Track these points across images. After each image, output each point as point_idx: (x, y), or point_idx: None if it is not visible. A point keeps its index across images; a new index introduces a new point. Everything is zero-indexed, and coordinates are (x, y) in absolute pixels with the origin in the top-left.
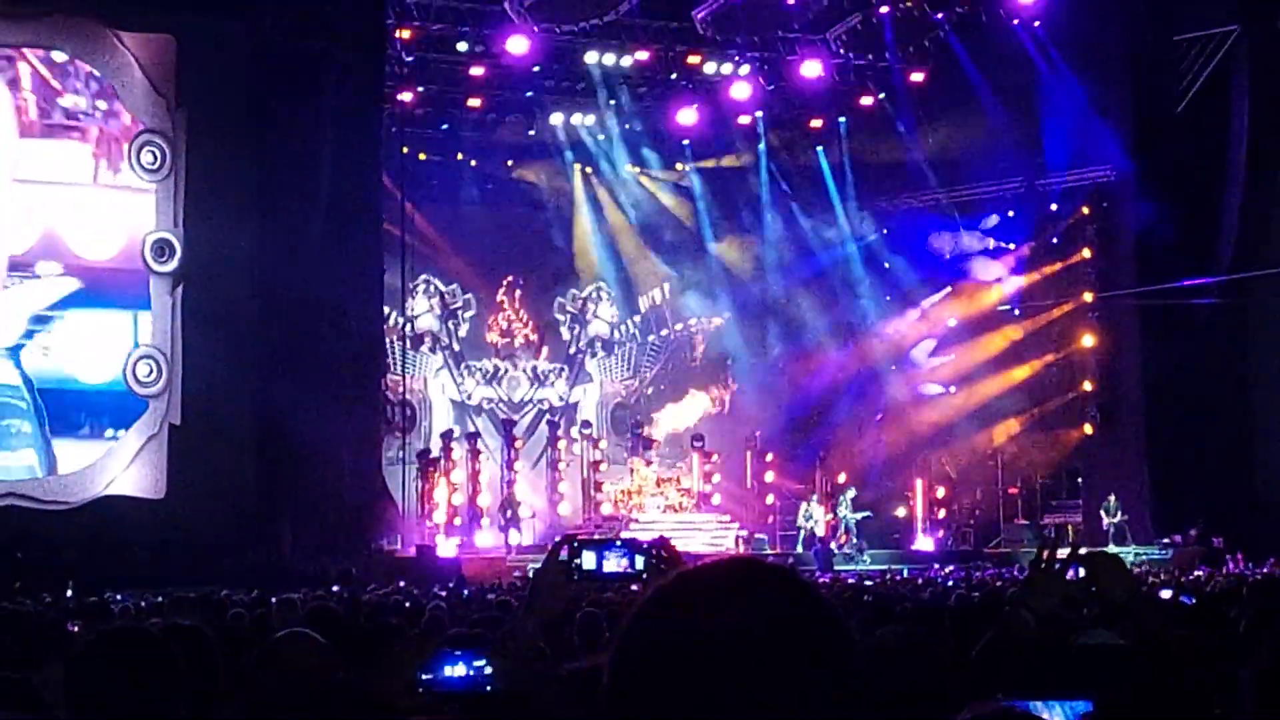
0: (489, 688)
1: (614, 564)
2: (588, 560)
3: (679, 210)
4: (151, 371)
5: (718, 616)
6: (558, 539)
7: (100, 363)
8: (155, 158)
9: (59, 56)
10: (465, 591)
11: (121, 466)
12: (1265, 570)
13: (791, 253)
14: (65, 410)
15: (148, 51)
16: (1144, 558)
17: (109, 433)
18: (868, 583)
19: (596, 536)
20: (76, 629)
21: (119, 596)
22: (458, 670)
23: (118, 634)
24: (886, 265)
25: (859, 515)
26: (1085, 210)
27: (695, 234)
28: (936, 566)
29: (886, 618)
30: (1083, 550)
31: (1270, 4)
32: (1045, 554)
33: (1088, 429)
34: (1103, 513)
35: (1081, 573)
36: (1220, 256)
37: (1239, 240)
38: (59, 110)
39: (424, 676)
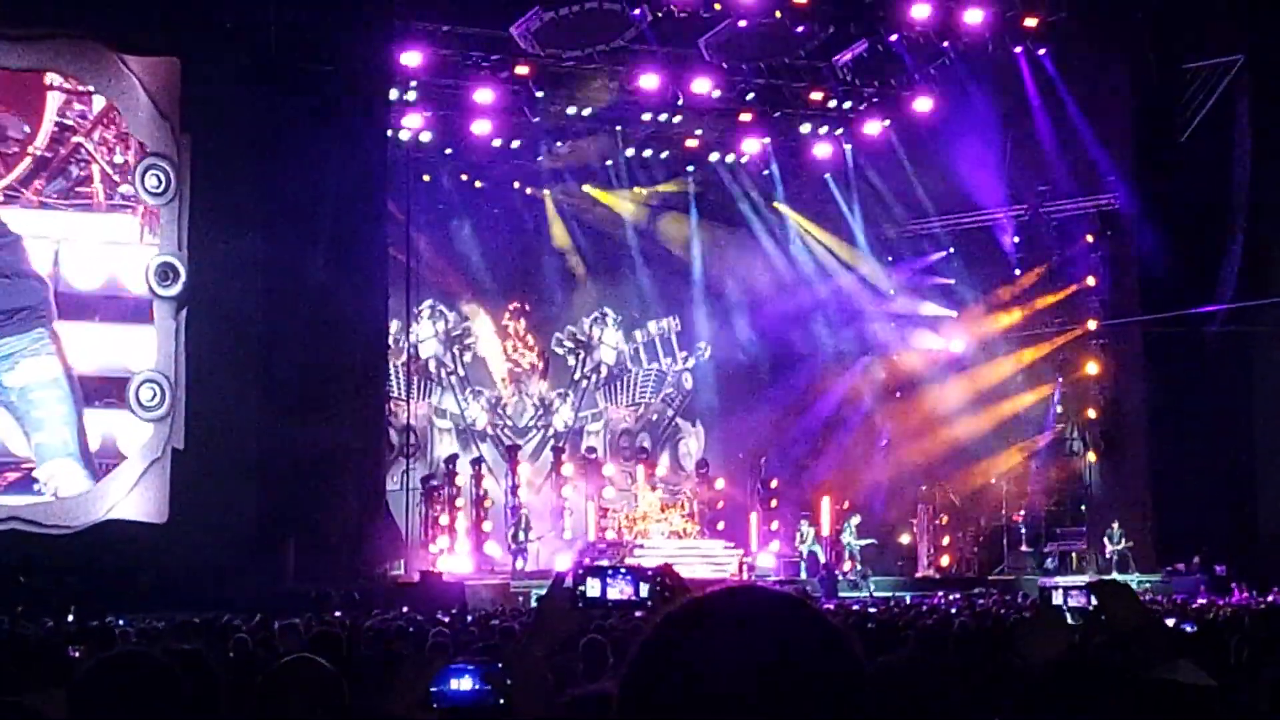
0: (497, 701)
1: (618, 591)
2: (592, 587)
3: (684, 235)
4: (155, 395)
5: (728, 644)
6: (563, 566)
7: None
8: (160, 181)
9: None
10: (469, 617)
11: (124, 491)
12: (1269, 599)
13: (797, 279)
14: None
15: (152, 75)
16: (1146, 585)
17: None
18: (871, 610)
19: (601, 563)
20: (78, 654)
21: (120, 621)
22: (464, 684)
23: (120, 659)
24: (891, 292)
25: (864, 542)
26: (1089, 238)
27: (700, 259)
28: (940, 593)
29: (890, 644)
30: (1092, 578)
31: (1275, 33)
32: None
33: (1091, 457)
34: (1106, 540)
35: (1092, 601)
36: (1224, 285)
37: (1243, 269)
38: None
39: (431, 689)
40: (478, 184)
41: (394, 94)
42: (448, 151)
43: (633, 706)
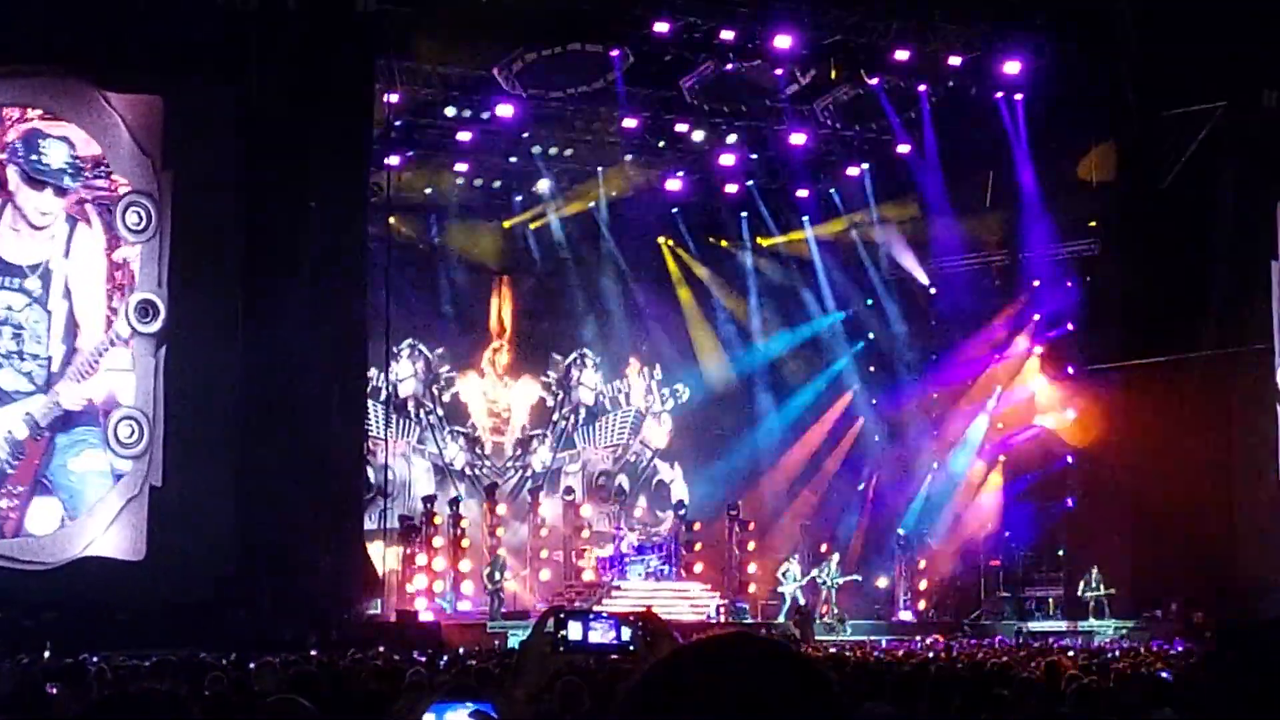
0: None
1: (600, 635)
2: (574, 631)
3: (663, 276)
4: (133, 433)
5: (717, 691)
6: (544, 610)
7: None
8: (140, 218)
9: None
10: (445, 657)
11: (101, 528)
12: None
13: (779, 321)
14: None
15: (135, 112)
16: (1123, 631)
17: None
18: (847, 654)
19: (581, 607)
20: (55, 690)
21: (95, 658)
22: (459, 717)
23: (105, 702)
24: (871, 335)
25: (847, 578)
26: (1069, 283)
27: (679, 302)
28: (917, 638)
29: (867, 689)
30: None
31: (1256, 80)
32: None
33: (1069, 502)
34: (1083, 584)
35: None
36: (1203, 332)
37: (1223, 316)
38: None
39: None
40: (461, 221)
41: (375, 133)
42: (428, 191)
43: None
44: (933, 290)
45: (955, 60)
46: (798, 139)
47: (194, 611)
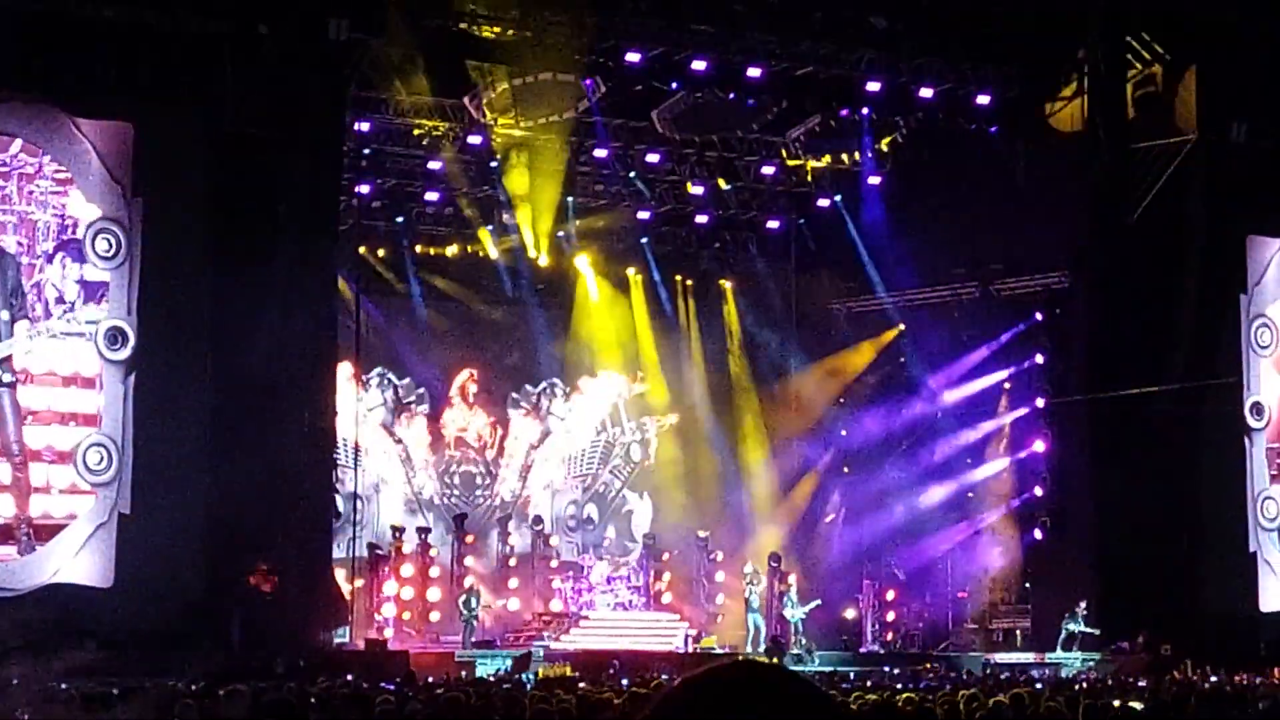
0: None
1: None
2: None
3: (631, 306)
4: (102, 460)
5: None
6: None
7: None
8: (110, 245)
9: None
10: (413, 686)
11: (70, 554)
12: (1213, 679)
13: (749, 350)
14: None
15: (105, 139)
16: (1090, 664)
17: None
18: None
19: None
20: (26, 718)
21: (63, 686)
22: None
23: None
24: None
25: (810, 606)
26: (1038, 315)
27: (651, 330)
28: (885, 668)
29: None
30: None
31: (1225, 114)
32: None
33: (1037, 534)
34: (1068, 617)
35: None
36: (1172, 365)
37: (1191, 349)
38: None
39: None
40: (431, 250)
41: (346, 161)
42: (399, 219)
43: None
44: (901, 325)
45: (927, 92)
46: (768, 170)
47: (162, 639)
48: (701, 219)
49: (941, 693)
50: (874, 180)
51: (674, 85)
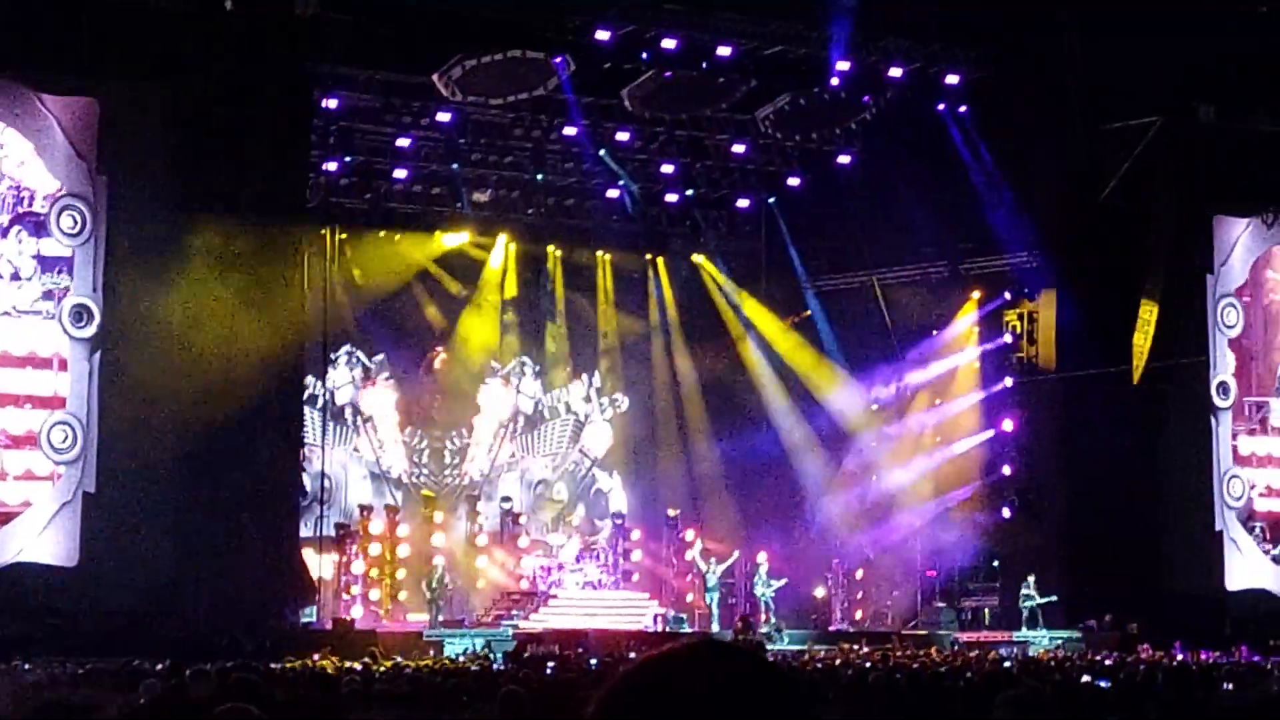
0: None
1: None
2: None
3: (600, 285)
4: (67, 438)
5: (688, 698)
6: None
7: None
8: (75, 222)
9: None
10: (381, 664)
11: (34, 533)
12: (1179, 657)
13: (719, 328)
14: None
15: (70, 114)
16: (1058, 641)
17: None
18: (791, 662)
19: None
20: None
21: (26, 666)
22: None
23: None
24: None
25: (777, 584)
26: (1007, 295)
27: (620, 310)
28: (854, 647)
29: (808, 698)
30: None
31: (1190, 96)
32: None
33: (1006, 513)
34: (1021, 592)
35: None
36: (1140, 344)
37: (1158, 328)
38: None
39: None
40: (397, 236)
41: (314, 138)
42: (367, 196)
43: None
44: (871, 304)
45: (896, 72)
46: (738, 149)
47: (128, 618)
48: (672, 197)
49: (910, 671)
50: (844, 159)
51: (644, 60)
